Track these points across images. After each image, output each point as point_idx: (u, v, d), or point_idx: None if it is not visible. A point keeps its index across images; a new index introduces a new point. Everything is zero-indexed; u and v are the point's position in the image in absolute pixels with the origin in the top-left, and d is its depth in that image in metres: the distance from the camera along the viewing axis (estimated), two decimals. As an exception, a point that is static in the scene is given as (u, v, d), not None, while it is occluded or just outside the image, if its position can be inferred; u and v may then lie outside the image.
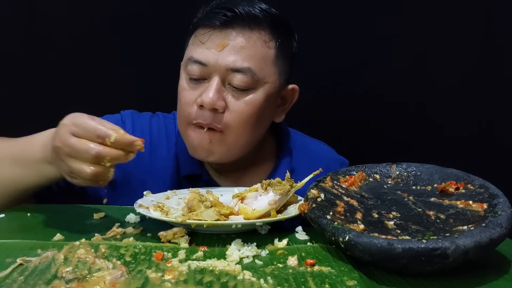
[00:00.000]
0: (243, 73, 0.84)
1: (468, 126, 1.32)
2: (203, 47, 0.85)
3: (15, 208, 0.84)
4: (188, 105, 0.87)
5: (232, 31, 0.85)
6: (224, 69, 0.84)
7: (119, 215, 0.78)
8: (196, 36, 0.88)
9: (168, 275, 0.54)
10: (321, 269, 0.56)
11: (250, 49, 0.85)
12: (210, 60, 0.84)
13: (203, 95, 0.84)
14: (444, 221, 0.63)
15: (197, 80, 0.86)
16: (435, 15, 1.31)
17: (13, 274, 0.54)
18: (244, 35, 0.85)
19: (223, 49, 0.84)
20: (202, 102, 0.84)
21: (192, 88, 0.87)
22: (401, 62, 1.33)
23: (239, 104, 0.86)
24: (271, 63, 0.88)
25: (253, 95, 0.86)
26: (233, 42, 0.84)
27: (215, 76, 0.85)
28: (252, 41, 0.85)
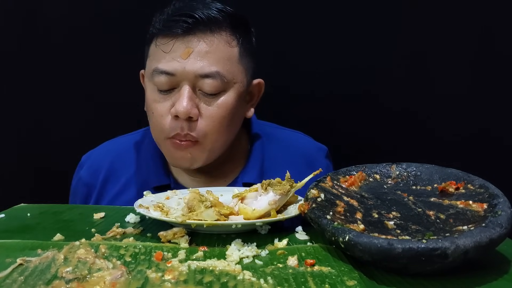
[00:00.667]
0: (212, 77, 0.84)
1: (468, 126, 1.32)
2: (167, 57, 0.84)
3: (15, 208, 0.84)
4: (162, 117, 0.87)
5: (194, 37, 0.84)
6: (192, 76, 0.84)
7: (119, 215, 0.78)
8: (158, 46, 0.86)
9: (168, 275, 0.54)
10: (321, 269, 0.56)
11: (215, 53, 0.85)
12: (177, 69, 0.84)
13: (176, 105, 0.84)
14: (444, 221, 0.63)
15: (166, 91, 0.86)
16: (434, 16, 1.30)
17: (13, 274, 0.54)
18: (207, 39, 0.85)
19: (189, 57, 0.83)
20: (176, 112, 0.84)
21: (162, 99, 0.87)
22: (401, 62, 1.33)
23: (212, 109, 0.86)
24: (236, 63, 0.88)
25: (224, 98, 0.87)
26: (197, 48, 0.84)
27: (185, 84, 0.84)
28: (215, 44, 0.85)
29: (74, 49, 1.36)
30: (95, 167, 1.00)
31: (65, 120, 1.39)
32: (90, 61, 1.36)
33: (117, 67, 1.33)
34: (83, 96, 1.38)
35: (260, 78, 0.97)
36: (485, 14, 1.29)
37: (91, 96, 1.37)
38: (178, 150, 0.88)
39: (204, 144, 0.88)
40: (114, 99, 1.35)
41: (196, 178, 0.98)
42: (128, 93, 1.31)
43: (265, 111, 1.05)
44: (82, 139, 1.14)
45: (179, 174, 0.99)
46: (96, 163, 1.01)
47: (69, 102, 1.38)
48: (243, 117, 0.96)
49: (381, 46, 1.32)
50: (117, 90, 1.34)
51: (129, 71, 1.32)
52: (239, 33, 0.89)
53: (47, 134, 1.39)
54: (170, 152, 0.90)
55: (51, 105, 1.39)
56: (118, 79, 1.33)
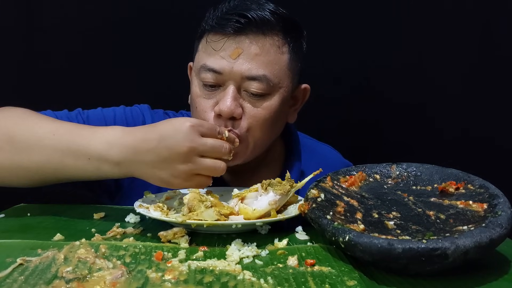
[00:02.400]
0: (259, 80, 0.84)
1: (468, 126, 1.32)
2: (216, 55, 0.84)
3: (15, 208, 0.84)
4: (206, 113, 0.86)
5: (245, 38, 0.83)
6: (239, 77, 0.83)
7: (119, 215, 0.78)
8: (208, 43, 0.86)
9: (168, 275, 0.54)
10: (321, 269, 0.56)
11: (265, 56, 0.84)
12: (225, 68, 0.83)
13: (220, 104, 0.83)
14: (444, 221, 0.63)
15: (211, 87, 0.86)
16: (435, 15, 1.31)
17: (14, 274, 0.54)
18: (258, 42, 0.84)
19: (238, 57, 0.83)
20: (220, 111, 0.83)
21: (207, 95, 0.86)
22: (402, 63, 1.33)
23: (256, 110, 0.86)
24: (285, 68, 0.87)
25: (269, 101, 0.86)
26: (248, 49, 0.83)
27: (230, 84, 0.84)
28: (266, 47, 0.84)
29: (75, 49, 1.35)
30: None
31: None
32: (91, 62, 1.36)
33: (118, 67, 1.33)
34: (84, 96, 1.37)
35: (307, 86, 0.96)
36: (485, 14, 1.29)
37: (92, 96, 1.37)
38: None
39: (246, 142, 0.87)
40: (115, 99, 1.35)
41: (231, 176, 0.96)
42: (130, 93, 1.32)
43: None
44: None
45: None
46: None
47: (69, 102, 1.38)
48: (285, 121, 0.95)
49: (382, 46, 1.32)
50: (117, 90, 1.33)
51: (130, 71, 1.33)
52: (290, 37, 0.88)
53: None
54: None
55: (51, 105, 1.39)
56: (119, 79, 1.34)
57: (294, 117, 0.97)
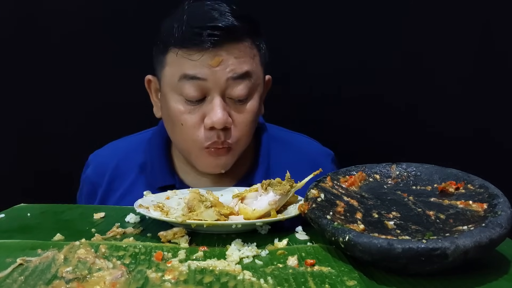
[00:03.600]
0: (243, 79, 0.84)
1: (468, 126, 1.32)
2: (195, 64, 0.82)
3: (15, 208, 0.84)
4: (195, 129, 0.86)
5: (221, 49, 0.83)
6: (224, 82, 0.83)
7: (119, 215, 0.78)
8: (180, 55, 0.83)
9: (168, 275, 0.54)
10: (321, 269, 0.56)
11: (243, 57, 0.85)
12: (208, 74, 0.82)
13: (211, 116, 0.83)
14: (444, 221, 0.63)
15: (192, 101, 0.85)
16: (434, 17, 1.31)
17: (13, 274, 0.54)
18: (234, 48, 0.84)
19: (219, 64, 0.83)
20: (213, 124, 0.83)
21: (191, 110, 0.85)
22: (401, 62, 1.33)
23: (242, 116, 0.87)
24: (259, 64, 0.89)
25: (251, 103, 0.87)
26: (227, 55, 0.83)
27: (215, 94, 0.83)
28: (241, 50, 0.85)
29: (75, 49, 1.36)
30: (102, 167, 1.01)
31: (65, 120, 1.39)
32: (91, 61, 1.36)
33: (119, 67, 1.33)
34: (84, 96, 1.38)
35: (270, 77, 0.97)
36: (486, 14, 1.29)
37: (91, 96, 1.37)
38: (214, 157, 0.88)
39: (235, 150, 0.89)
40: (116, 99, 1.35)
41: (203, 178, 0.97)
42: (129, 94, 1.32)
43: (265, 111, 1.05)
44: (83, 139, 1.14)
45: (185, 174, 0.98)
46: (102, 163, 1.01)
47: (69, 102, 1.38)
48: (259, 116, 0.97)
49: (381, 46, 1.32)
50: (118, 91, 1.34)
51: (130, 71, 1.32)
52: (256, 35, 0.88)
53: (48, 134, 1.39)
54: (205, 160, 0.89)
55: (51, 105, 1.39)
56: (119, 80, 1.34)
57: (263, 109, 0.97)
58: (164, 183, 0.95)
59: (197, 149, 0.88)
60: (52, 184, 1.18)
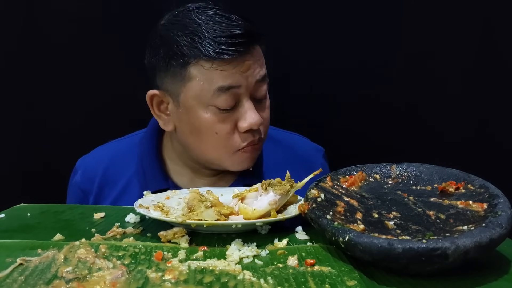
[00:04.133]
0: (264, 80, 0.89)
1: (468, 126, 1.32)
2: (227, 74, 0.84)
3: (15, 208, 0.84)
4: (229, 134, 0.88)
5: (247, 53, 0.86)
6: (253, 85, 0.87)
7: (119, 215, 0.78)
8: (210, 68, 0.84)
9: (168, 275, 0.54)
10: (321, 269, 0.56)
11: (261, 59, 0.90)
12: (241, 80, 0.85)
13: (247, 119, 0.86)
14: (444, 221, 0.63)
15: (226, 110, 0.86)
16: (434, 16, 1.30)
17: (14, 273, 0.54)
18: (255, 51, 0.88)
19: (248, 69, 0.86)
20: (251, 126, 0.86)
21: (224, 118, 0.87)
22: (401, 62, 1.33)
23: (265, 113, 0.91)
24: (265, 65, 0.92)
25: (267, 100, 0.93)
26: (251, 59, 0.86)
27: (245, 98, 0.87)
28: (259, 52, 0.90)
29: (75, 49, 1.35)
30: (90, 173, 1.00)
31: (65, 120, 1.39)
32: (90, 61, 1.36)
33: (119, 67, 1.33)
34: (84, 96, 1.38)
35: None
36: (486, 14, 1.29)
37: (91, 97, 1.37)
38: (250, 154, 0.90)
39: (263, 142, 0.94)
40: (116, 99, 1.35)
41: (199, 180, 0.97)
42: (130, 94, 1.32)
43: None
44: (83, 139, 1.14)
45: (178, 177, 0.98)
46: (90, 169, 1.00)
47: (69, 102, 1.38)
48: None
49: (381, 46, 1.32)
50: (118, 91, 1.34)
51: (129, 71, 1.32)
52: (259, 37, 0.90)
53: (48, 134, 1.39)
54: (239, 159, 0.90)
55: (52, 106, 1.39)
56: (120, 80, 1.34)
57: None
58: (157, 187, 0.94)
59: (230, 153, 0.90)
60: (52, 184, 1.18)
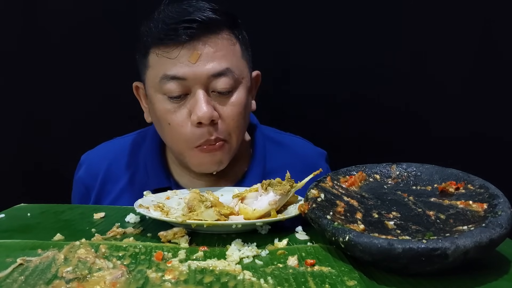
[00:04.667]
0: (224, 75, 0.84)
1: (468, 126, 1.32)
2: (174, 63, 0.83)
3: (15, 208, 0.84)
4: (182, 127, 0.85)
5: (199, 42, 0.83)
6: (205, 78, 0.83)
7: (119, 215, 0.78)
8: (159, 54, 0.84)
9: (168, 275, 0.54)
10: (321, 269, 0.56)
11: (221, 51, 0.84)
12: (188, 73, 0.82)
13: (197, 111, 0.82)
14: (444, 221, 0.63)
15: (178, 98, 0.84)
16: (434, 17, 1.30)
17: (14, 274, 0.54)
18: (211, 41, 0.84)
19: (198, 60, 0.82)
20: (199, 119, 0.82)
21: (176, 108, 0.85)
22: (401, 62, 1.33)
23: (228, 108, 0.86)
24: (240, 58, 0.88)
25: (236, 95, 0.87)
26: (205, 51, 0.83)
27: (198, 89, 0.83)
28: (219, 44, 0.84)
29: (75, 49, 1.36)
30: (93, 169, 1.00)
31: (66, 120, 1.39)
32: (89, 61, 1.36)
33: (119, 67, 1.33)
34: (84, 96, 1.38)
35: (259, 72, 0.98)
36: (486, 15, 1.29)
37: (91, 96, 1.37)
38: (208, 154, 0.87)
39: (230, 145, 0.89)
40: (116, 99, 1.35)
41: (199, 180, 0.97)
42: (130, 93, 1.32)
43: (265, 110, 1.05)
44: (83, 139, 1.14)
45: (180, 176, 0.98)
46: (94, 164, 1.01)
47: (69, 102, 1.38)
48: (250, 112, 0.96)
49: (381, 45, 1.32)
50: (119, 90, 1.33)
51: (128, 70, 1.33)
52: (235, 29, 0.88)
53: (48, 134, 1.39)
54: (199, 159, 0.88)
55: (52, 106, 1.39)
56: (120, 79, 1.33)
57: (254, 105, 0.97)
58: (159, 185, 0.94)
59: (188, 148, 0.87)
60: (52, 184, 1.18)
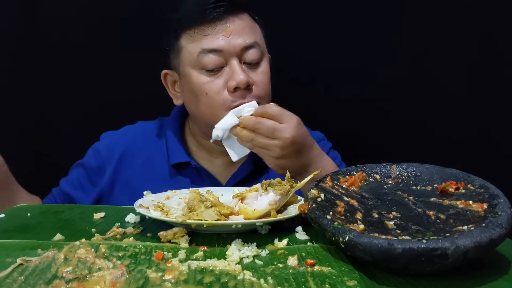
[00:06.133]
0: (254, 47, 0.93)
1: (468, 127, 1.32)
2: (210, 38, 0.91)
3: (15, 208, 0.84)
4: (219, 93, 0.92)
5: (229, 17, 0.92)
6: (239, 50, 0.92)
7: (119, 215, 0.78)
8: (194, 34, 0.92)
9: (168, 275, 0.54)
10: (322, 269, 0.56)
11: (249, 27, 0.95)
12: (224, 45, 0.91)
13: (234, 77, 0.90)
14: (444, 221, 0.63)
15: (213, 71, 0.92)
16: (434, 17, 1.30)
17: (14, 274, 0.54)
18: (239, 17, 0.94)
19: (231, 34, 0.91)
20: (237, 84, 0.90)
21: (213, 79, 0.92)
22: (402, 63, 1.33)
23: (259, 76, 0.94)
24: (261, 36, 0.98)
25: (263, 66, 0.96)
26: (235, 26, 0.92)
27: (233, 59, 0.91)
28: (246, 20, 0.95)
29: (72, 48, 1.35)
30: (113, 145, 1.06)
31: (66, 120, 1.39)
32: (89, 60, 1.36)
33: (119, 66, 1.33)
34: (84, 96, 1.38)
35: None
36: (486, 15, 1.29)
37: (91, 97, 1.37)
38: None
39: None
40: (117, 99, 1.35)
41: (216, 159, 1.03)
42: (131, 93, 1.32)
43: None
44: (83, 139, 1.14)
45: (196, 157, 1.04)
46: (114, 141, 1.06)
47: (69, 102, 1.38)
48: None
49: (382, 47, 1.32)
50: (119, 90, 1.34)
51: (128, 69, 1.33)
52: (252, 11, 0.97)
53: (48, 133, 1.39)
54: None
55: (52, 105, 1.39)
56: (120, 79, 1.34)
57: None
58: (179, 159, 1.00)
59: (222, 111, 0.92)
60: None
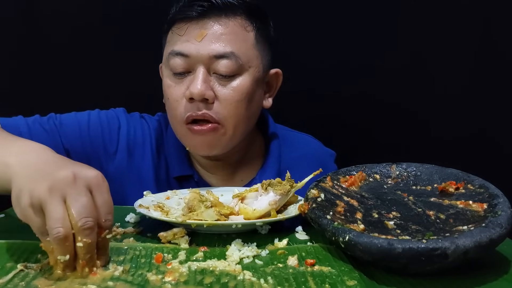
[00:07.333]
0: (227, 58, 0.83)
1: (468, 126, 1.32)
2: (182, 40, 0.85)
3: (15, 208, 0.84)
4: (177, 102, 0.86)
5: (208, 20, 0.84)
6: (207, 58, 0.83)
7: (119, 215, 0.78)
8: (173, 31, 0.87)
9: (168, 276, 0.54)
10: (322, 269, 0.56)
11: (230, 35, 0.84)
12: (191, 50, 0.83)
13: (190, 87, 0.83)
14: (444, 221, 0.63)
15: (181, 74, 0.85)
16: (434, 16, 1.30)
17: (14, 280, 0.53)
18: (221, 22, 0.84)
19: (203, 39, 0.83)
20: (191, 94, 0.83)
21: (177, 83, 0.86)
22: (401, 62, 1.33)
23: (227, 91, 0.85)
24: (252, 46, 0.87)
25: (239, 81, 0.85)
26: (212, 30, 0.84)
27: (199, 67, 0.84)
28: (230, 27, 0.85)
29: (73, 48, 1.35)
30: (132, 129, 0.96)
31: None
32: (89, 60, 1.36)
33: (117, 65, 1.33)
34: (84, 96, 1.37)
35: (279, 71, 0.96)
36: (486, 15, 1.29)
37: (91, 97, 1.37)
38: (199, 135, 0.86)
39: (225, 130, 0.86)
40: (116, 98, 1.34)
41: (214, 175, 0.97)
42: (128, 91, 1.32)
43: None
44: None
45: (197, 169, 0.98)
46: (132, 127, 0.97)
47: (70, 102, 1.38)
48: (261, 106, 0.94)
49: (382, 45, 1.32)
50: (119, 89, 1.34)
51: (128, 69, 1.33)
52: (255, 19, 0.88)
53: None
54: (191, 139, 0.87)
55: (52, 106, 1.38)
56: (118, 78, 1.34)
57: (269, 103, 0.96)
58: (182, 172, 0.94)
59: (179, 124, 0.87)
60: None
